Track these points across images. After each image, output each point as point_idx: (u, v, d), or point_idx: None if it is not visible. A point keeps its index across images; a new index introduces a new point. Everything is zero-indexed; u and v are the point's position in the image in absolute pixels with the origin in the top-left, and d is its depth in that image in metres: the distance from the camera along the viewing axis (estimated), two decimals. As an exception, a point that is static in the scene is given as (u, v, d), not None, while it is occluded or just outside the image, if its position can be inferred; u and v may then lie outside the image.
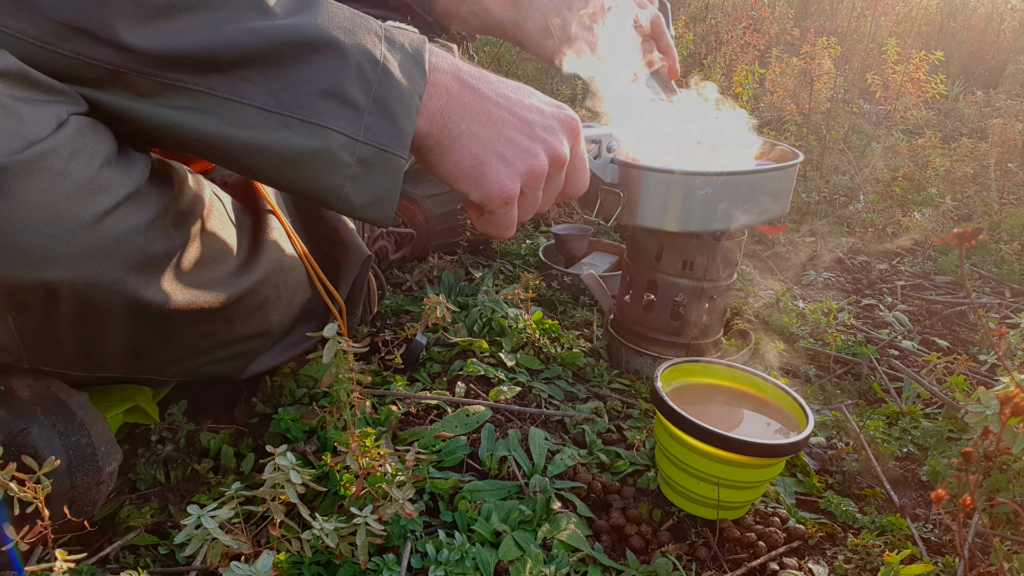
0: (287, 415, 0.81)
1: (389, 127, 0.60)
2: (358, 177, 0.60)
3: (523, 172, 0.67)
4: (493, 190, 0.66)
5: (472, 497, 0.74)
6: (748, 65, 2.36)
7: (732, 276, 1.01)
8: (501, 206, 0.68)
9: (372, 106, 0.59)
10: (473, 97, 0.65)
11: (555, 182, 0.72)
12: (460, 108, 0.64)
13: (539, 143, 0.68)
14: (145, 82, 0.55)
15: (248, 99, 0.56)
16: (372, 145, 0.59)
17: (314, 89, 0.57)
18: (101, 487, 0.63)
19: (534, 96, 0.71)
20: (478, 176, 0.66)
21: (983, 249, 1.67)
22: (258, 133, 0.57)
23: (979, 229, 0.55)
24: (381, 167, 0.60)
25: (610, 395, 0.99)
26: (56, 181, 0.52)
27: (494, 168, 0.66)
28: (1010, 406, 0.53)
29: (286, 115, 0.57)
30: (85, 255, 0.54)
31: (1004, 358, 0.71)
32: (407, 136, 0.61)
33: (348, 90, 0.58)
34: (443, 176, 0.67)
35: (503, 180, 0.66)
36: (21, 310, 0.54)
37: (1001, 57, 4.14)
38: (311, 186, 0.60)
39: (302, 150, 0.58)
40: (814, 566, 0.72)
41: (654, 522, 0.77)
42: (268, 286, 0.74)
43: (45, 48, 0.52)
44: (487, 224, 0.71)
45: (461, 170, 0.66)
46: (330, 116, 0.57)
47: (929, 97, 2.02)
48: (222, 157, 0.60)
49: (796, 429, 0.75)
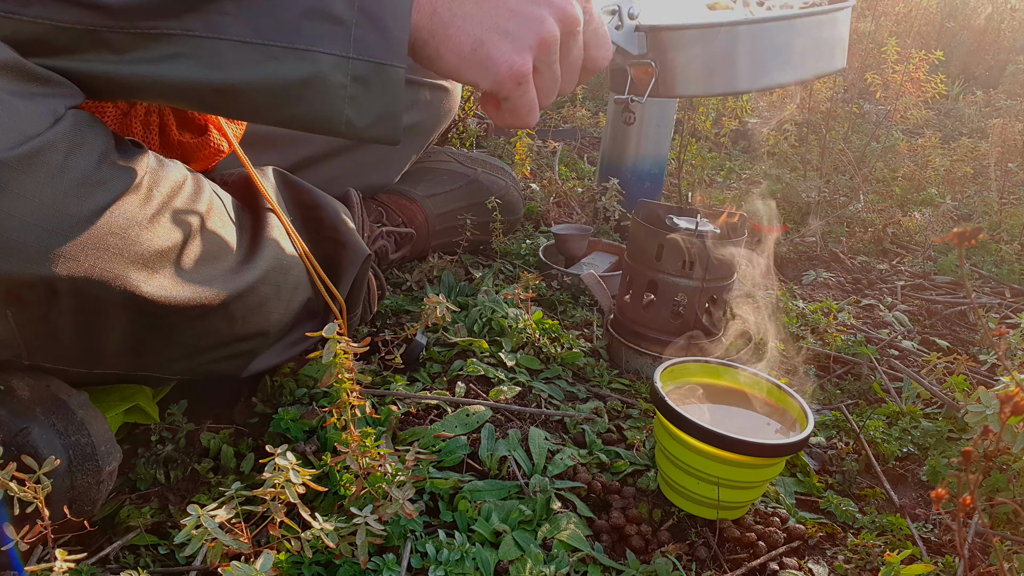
0: (287, 415, 0.81)
1: (380, 37, 0.55)
2: (356, 97, 0.56)
3: (532, 44, 0.60)
4: (502, 70, 0.60)
5: (472, 497, 0.74)
6: (748, 65, 2.36)
7: (732, 276, 1.01)
8: (515, 87, 0.61)
9: (359, 17, 0.54)
10: None
11: (573, 52, 0.64)
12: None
13: (544, 6, 0.61)
14: (119, 37, 0.53)
15: (227, 34, 0.53)
16: (365, 60, 0.55)
17: (294, 11, 0.53)
18: (101, 487, 0.63)
19: None
20: (482, 59, 0.59)
21: (983, 249, 1.67)
22: (243, 70, 0.54)
23: (979, 229, 0.55)
24: (379, 82, 0.56)
25: (610, 395, 0.99)
26: (54, 176, 0.52)
27: (498, 46, 0.59)
28: (1010, 406, 0.53)
29: (269, 45, 0.53)
30: (84, 250, 0.54)
31: (1004, 358, 0.71)
32: (401, 43, 0.56)
33: (330, 5, 0.53)
34: (445, 70, 0.61)
35: (510, 57, 0.60)
36: (21, 305, 0.54)
37: (1001, 57, 4.14)
38: (310, 117, 0.57)
39: (292, 80, 0.54)
40: (814, 566, 0.72)
41: (654, 522, 0.77)
42: (268, 284, 0.74)
43: (9, 18, 0.50)
44: (506, 114, 0.65)
45: (462, 57, 0.59)
46: (315, 38, 0.54)
47: (929, 97, 2.02)
48: (213, 103, 0.58)
49: (796, 429, 0.75)
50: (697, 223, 1.00)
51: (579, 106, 2.59)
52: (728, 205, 1.21)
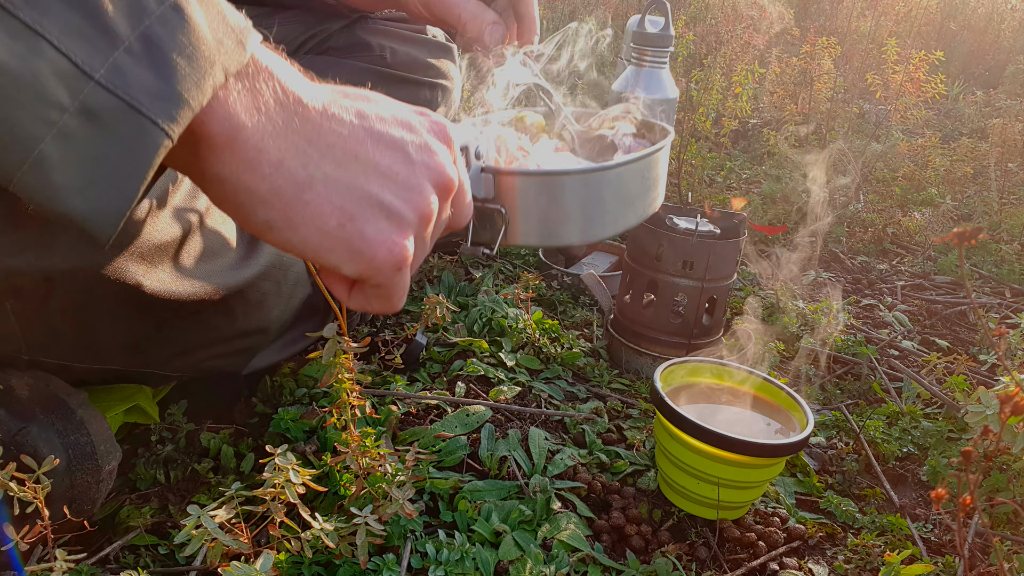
0: (287, 415, 0.81)
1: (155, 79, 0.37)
2: (72, 135, 0.36)
3: (414, 220, 0.48)
4: (380, 255, 0.46)
5: (472, 497, 0.74)
6: (748, 65, 2.36)
7: (732, 276, 1.01)
8: (393, 274, 0.48)
9: (137, 42, 0.37)
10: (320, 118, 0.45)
11: (443, 216, 0.53)
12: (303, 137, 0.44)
13: (422, 171, 0.49)
14: None
15: None
16: (113, 92, 0.36)
17: None
18: (101, 486, 0.63)
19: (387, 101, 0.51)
20: (352, 239, 0.46)
21: (983, 249, 1.67)
22: None
23: (979, 229, 0.55)
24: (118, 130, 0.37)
25: (610, 395, 0.99)
26: None
27: (373, 223, 0.46)
28: (1010, 406, 0.53)
29: None
30: (80, 241, 0.54)
31: (1004, 358, 0.71)
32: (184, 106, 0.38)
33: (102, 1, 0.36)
34: (296, 246, 0.45)
35: (390, 238, 0.47)
36: (19, 297, 0.54)
37: (1001, 57, 4.14)
38: None
39: None
40: (814, 566, 0.72)
41: (654, 522, 0.77)
42: (268, 280, 0.74)
43: None
44: (371, 300, 0.50)
45: (325, 233, 0.45)
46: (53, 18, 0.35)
47: (929, 97, 2.02)
48: None
49: (796, 429, 0.75)
50: (697, 223, 1.00)
51: (579, 106, 2.59)
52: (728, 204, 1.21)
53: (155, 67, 0.37)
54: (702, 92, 2.16)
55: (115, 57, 0.36)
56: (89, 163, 0.37)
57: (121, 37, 0.37)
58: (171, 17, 0.38)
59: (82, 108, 0.36)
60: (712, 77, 2.20)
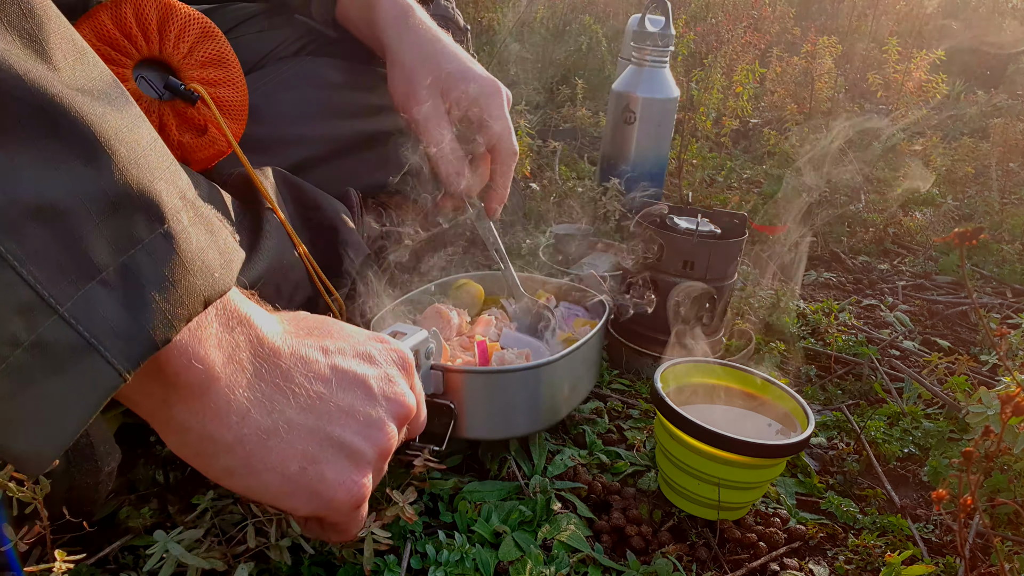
0: (287, 415, 0.81)
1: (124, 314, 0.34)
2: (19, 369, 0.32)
3: (373, 457, 0.48)
4: (339, 496, 0.46)
5: (472, 498, 0.74)
6: (748, 64, 2.36)
7: (733, 276, 1.01)
8: (351, 512, 0.48)
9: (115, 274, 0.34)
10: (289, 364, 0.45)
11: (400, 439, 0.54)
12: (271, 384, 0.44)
13: (381, 405, 0.49)
14: None
15: None
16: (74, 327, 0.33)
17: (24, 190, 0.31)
18: (100, 487, 0.63)
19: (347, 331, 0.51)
20: (311, 482, 0.45)
21: (984, 249, 1.66)
22: None
23: (980, 229, 0.55)
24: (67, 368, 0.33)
25: (610, 395, 0.99)
26: None
27: (333, 465, 0.46)
28: (1011, 406, 0.53)
29: None
30: None
31: (1005, 358, 0.71)
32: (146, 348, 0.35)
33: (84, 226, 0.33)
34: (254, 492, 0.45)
35: (349, 478, 0.46)
36: None
37: (1002, 57, 4.14)
38: None
39: None
40: (815, 567, 0.72)
41: (654, 523, 0.77)
42: (268, 284, 0.74)
43: None
44: (326, 531, 0.51)
45: (286, 478, 0.45)
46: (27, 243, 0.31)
47: (930, 97, 2.02)
48: None
49: (796, 429, 0.75)
50: (697, 223, 1.00)
51: (579, 106, 2.59)
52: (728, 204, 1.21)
53: (127, 301, 0.35)
54: (703, 92, 2.16)
55: (87, 289, 0.33)
56: (30, 400, 0.33)
57: (98, 267, 0.34)
58: (159, 247, 0.36)
59: (37, 342, 0.32)
60: (713, 76, 2.20)
